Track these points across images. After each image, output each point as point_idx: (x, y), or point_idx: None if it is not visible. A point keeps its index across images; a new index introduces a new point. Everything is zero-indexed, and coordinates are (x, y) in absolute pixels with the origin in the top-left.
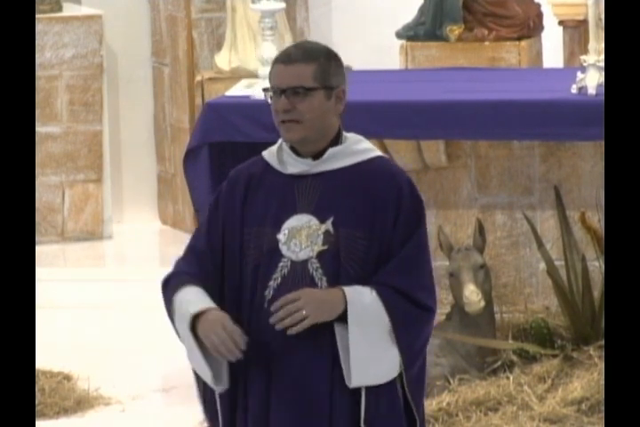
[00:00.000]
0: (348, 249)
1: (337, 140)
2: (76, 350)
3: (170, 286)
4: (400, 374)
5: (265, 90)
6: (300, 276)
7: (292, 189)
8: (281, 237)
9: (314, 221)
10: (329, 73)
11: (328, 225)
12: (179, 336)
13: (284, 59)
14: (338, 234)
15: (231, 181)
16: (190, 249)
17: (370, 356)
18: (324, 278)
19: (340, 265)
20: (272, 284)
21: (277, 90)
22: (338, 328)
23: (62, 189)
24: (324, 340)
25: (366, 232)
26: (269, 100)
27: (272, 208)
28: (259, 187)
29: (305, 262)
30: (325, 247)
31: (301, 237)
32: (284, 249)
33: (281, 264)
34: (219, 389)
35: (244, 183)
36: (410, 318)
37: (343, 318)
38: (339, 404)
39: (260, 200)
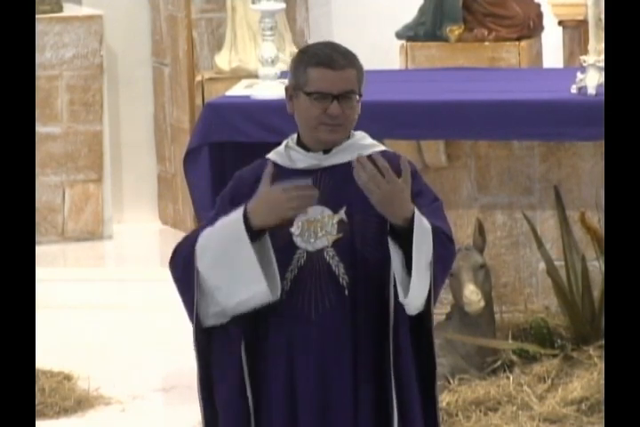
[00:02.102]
0: (362, 233)
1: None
2: (76, 350)
3: (185, 246)
4: (422, 319)
5: (309, 94)
6: (317, 265)
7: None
8: (294, 229)
9: (327, 211)
10: (361, 77)
11: (341, 214)
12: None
13: (329, 63)
14: (352, 221)
15: (238, 180)
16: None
17: (420, 273)
18: (342, 265)
19: (356, 251)
20: (288, 275)
21: (329, 95)
22: (393, 244)
23: (62, 189)
24: (345, 329)
25: (379, 219)
26: (307, 101)
27: None
28: None
29: (321, 252)
30: (340, 235)
31: (315, 227)
32: (298, 241)
33: (296, 256)
34: (273, 297)
35: (252, 184)
36: (445, 247)
37: (397, 234)
38: (363, 391)
39: None
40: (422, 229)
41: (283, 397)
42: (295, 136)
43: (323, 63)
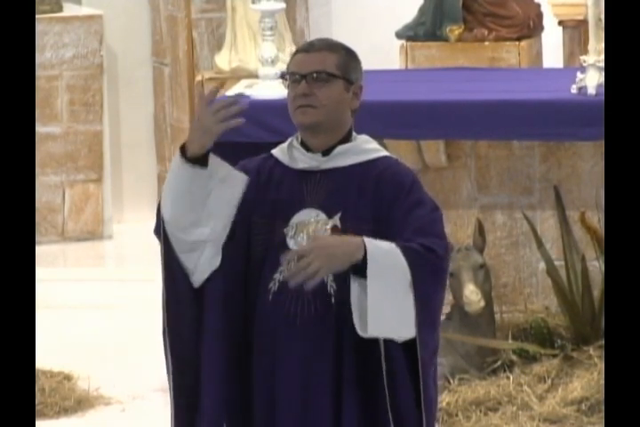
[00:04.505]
0: None
1: (347, 138)
2: (76, 350)
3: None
4: (412, 345)
5: (282, 76)
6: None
7: (301, 184)
8: (288, 230)
9: (321, 215)
10: (350, 66)
11: (335, 220)
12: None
13: (306, 48)
14: (345, 229)
15: (241, 169)
16: None
17: (387, 306)
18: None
19: None
20: (277, 276)
21: (298, 75)
22: (354, 279)
23: (62, 189)
24: (327, 329)
25: (373, 225)
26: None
27: (280, 203)
28: (268, 182)
29: None
30: None
31: (309, 231)
32: (291, 243)
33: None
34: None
35: (254, 175)
36: (426, 263)
37: (358, 269)
38: (344, 393)
39: (270, 195)
40: (381, 259)
41: (264, 403)
42: (300, 135)
43: (301, 49)
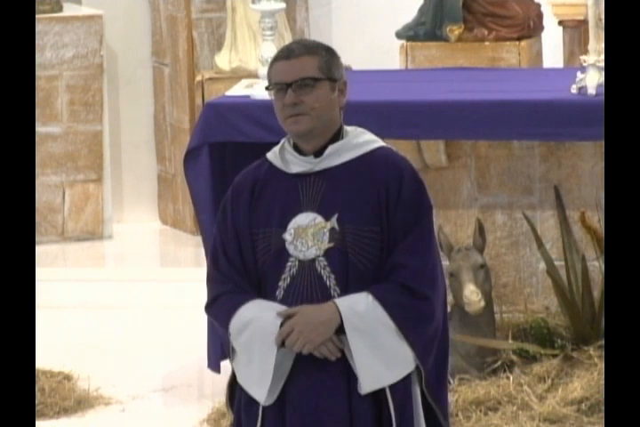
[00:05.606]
0: (356, 245)
1: (337, 135)
2: (76, 350)
3: (221, 309)
4: (417, 371)
5: (267, 88)
6: (308, 275)
7: (296, 188)
8: (287, 236)
9: (319, 218)
10: (331, 65)
11: (333, 222)
12: (231, 355)
13: (285, 55)
14: (343, 230)
15: (236, 186)
16: (220, 272)
17: (377, 361)
18: (333, 276)
19: (349, 261)
20: (282, 284)
21: (283, 85)
22: (345, 339)
23: (62, 189)
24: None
25: (372, 226)
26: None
27: (277, 208)
28: (264, 189)
29: (312, 261)
30: (332, 245)
31: (307, 235)
32: (290, 249)
33: (289, 264)
34: (267, 402)
35: (249, 187)
36: (412, 312)
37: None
38: (357, 408)
39: (266, 202)
40: (358, 320)
41: (280, 399)
42: (292, 138)
43: (280, 56)
